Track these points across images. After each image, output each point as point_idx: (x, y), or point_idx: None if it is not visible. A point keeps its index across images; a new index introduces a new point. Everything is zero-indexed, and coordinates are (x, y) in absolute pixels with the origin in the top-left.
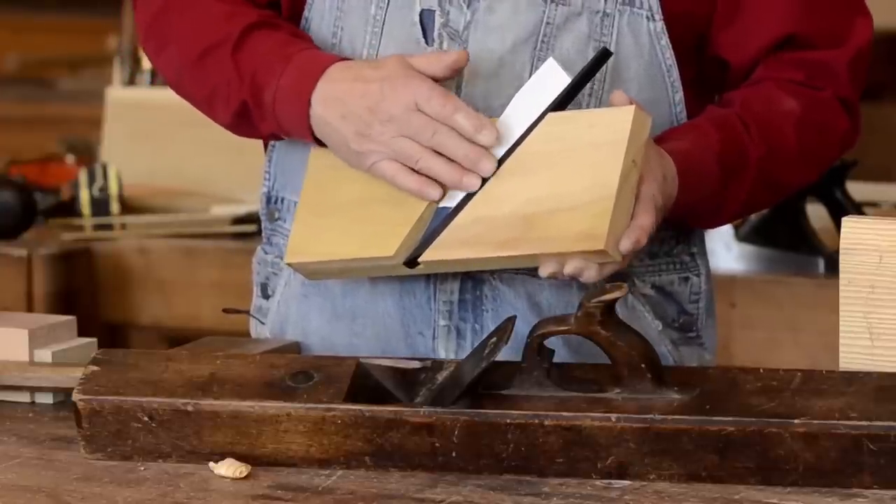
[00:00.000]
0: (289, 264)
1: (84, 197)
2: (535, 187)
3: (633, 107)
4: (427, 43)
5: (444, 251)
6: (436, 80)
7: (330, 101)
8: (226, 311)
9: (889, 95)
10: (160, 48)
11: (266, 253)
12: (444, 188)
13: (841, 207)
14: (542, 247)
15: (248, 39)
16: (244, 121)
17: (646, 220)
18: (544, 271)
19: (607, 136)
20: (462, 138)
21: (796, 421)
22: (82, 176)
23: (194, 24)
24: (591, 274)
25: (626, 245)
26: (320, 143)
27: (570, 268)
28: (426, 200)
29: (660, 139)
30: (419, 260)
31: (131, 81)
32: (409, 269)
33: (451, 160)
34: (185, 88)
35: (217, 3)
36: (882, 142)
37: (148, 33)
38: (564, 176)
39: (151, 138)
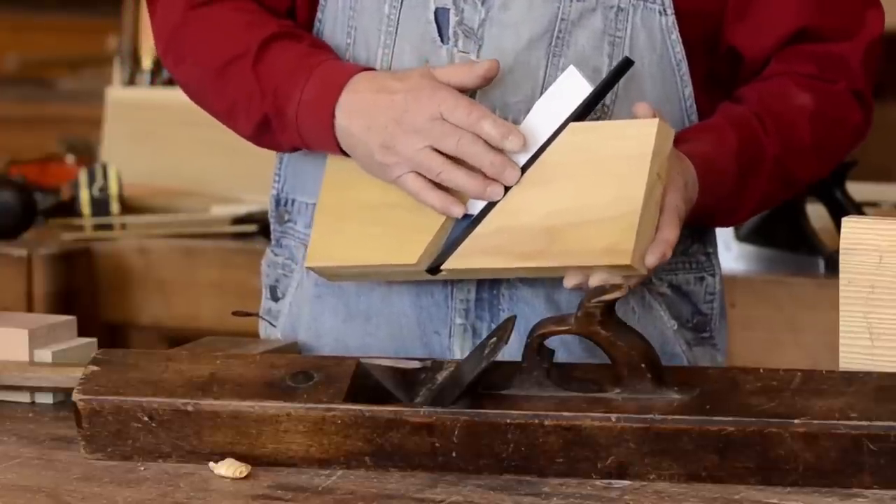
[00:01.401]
0: (309, 268)
1: (84, 197)
2: (558, 198)
3: (657, 119)
4: (442, 41)
5: (466, 260)
6: (464, 89)
7: (354, 112)
8: (235, 313)
9: (889, 95)
10: (179, 61)
11: (276, 255)
12: (467, 200)
13: (841, 207)
14: (566, 259)
15: (268, 51)
16: (266, 133)
17: (670, 234)
18: (569, 283)
19: (631, 148)
20: (487, 147)
21: (796, 421)
22: (82, 176)
23: (214, 36)
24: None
25: (651, 260)
26: (345, 154)
27: (595, 280)
28: (449, 216)
29: (678, 140)
30: (442, 268)
31: (131, 81)
32: (431, 276)
33: (473, 171)
34: (206, 101)
35: (236, 14)
36: (882, 142)
37: (167, 46)
38: (588, 187)
39: (151, 138)
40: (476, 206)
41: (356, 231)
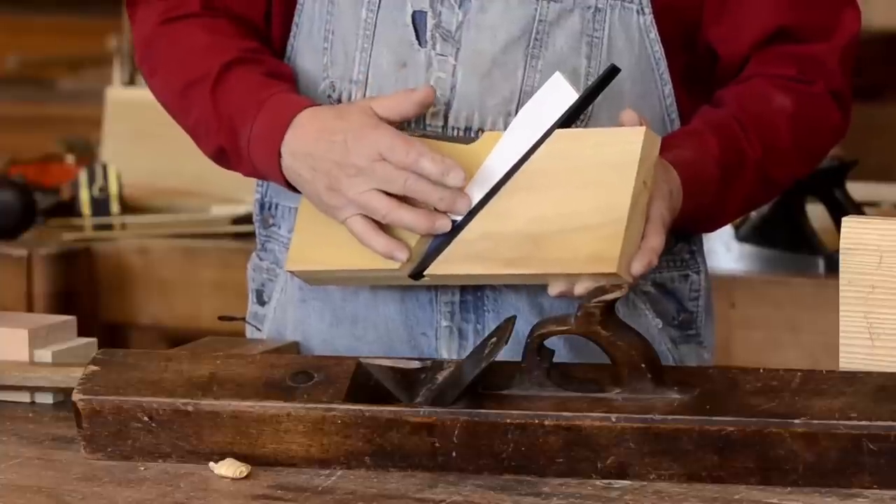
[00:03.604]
0: (289, 272)
1: (84, 197)
2: (543, 205)
3: (643, 128)
4: (420, 45)
5: (450, 265)
6: (406, 118)
7: (299, 154)
8: (221, 318)
9: (889, 95)
10: (151, 73)
11: (261, 259)
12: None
13: (841, 207)
14: (551, 267)
15: (226, 78)
16: (223, 160)
17: (656, 242)
18: (554, 290)
19: (617, 156)
20: (432, 183)
21: (796, 421)
22: (82, 176)
23: (179, 54)
24: None
25: (637, 268)
26: (293, 189)
27: (580, 288)
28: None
29: (661, 148)
30: (425, 273)
31: (131, 81)
32: (413, 281)
33: (418, 206)
34: (174, 117)
35: (202, 33)
36: (882, 142)
37: (142, 57)
38: (573, 195)
39: (151, 138)
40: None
41: (338, 235)
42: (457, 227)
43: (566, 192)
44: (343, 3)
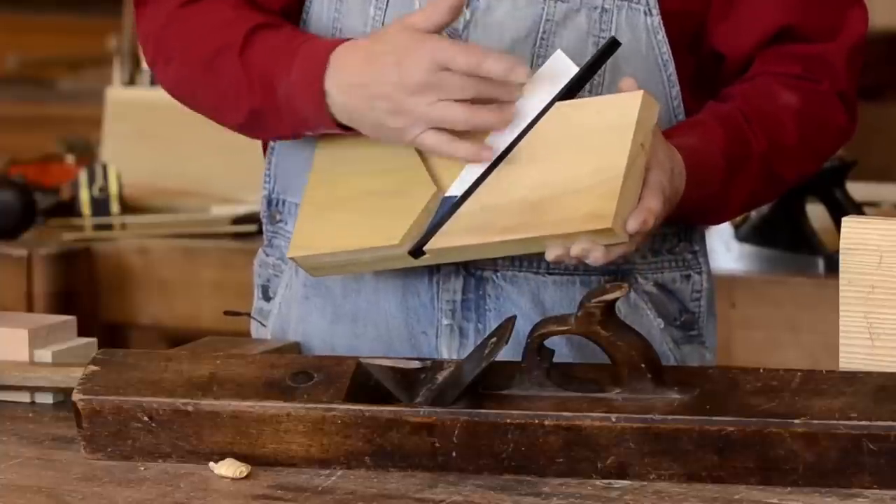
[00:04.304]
0: (291, 258)
1: (84, 197)
2: (543, 174)
3: (641, 91)
4: None
5: (450, 238)
6: (441, 27)
7: (350, 87)
8: (227, 313)
9: (889, 95)
10: (168, 61)
11: (267, 255)
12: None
13: (841, 207)
14: (548, 229)
15: (254, 40)
16: (258, 124)
17: (653, 203)
18: (550, 254)
19: (615, 120)
20: (496, 83)
21: (796, 421)
22: (82, 176)
23: (201, 30)
24: (597, 255)
25: (632, 225)
26: (344, 128)
27: (576, 249)
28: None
29: (666, 136)
30: (425, 249)
31: (131, 81)
32: (415, 260)
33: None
34: (195, 98)
35: (223, 8)
36: (882, 142)
37: (156, 47)
38: (572, 162)
39: (151, 138)
40: (460, 188)
41: (339, 220)
42: (457, 203)
43: (567, 160)
44: (351, 1)
